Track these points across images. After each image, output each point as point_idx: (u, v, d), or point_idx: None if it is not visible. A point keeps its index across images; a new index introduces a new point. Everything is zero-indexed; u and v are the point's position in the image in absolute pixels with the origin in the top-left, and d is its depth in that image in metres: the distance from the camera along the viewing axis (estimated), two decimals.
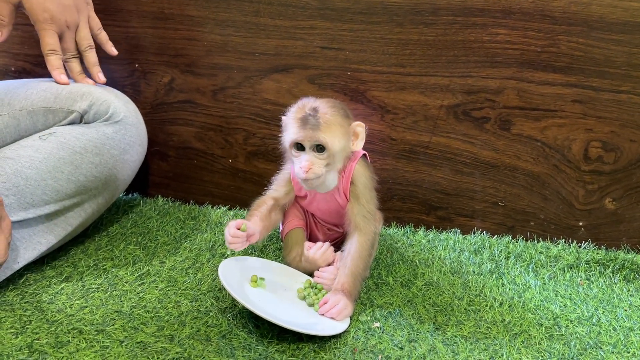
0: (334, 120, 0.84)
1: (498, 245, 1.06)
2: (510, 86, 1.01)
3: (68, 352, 0.71)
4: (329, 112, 0.84)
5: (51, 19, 0.95)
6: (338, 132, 0.84)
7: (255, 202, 0.93)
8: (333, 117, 0.84)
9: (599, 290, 0.95)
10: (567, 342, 0.80)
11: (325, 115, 0.83)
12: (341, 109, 0.87)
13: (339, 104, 0.88)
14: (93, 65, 1.04)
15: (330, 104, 0.86)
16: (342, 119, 0.85)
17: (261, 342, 0.76)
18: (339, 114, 0.85)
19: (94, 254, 0.97)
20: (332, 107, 0.85)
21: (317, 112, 0.83)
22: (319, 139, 0.82)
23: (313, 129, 0.82)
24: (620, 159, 1.01)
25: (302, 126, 0.83)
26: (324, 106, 0.84)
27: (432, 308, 0.87)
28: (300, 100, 0.87)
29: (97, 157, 0.94)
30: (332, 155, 0.84)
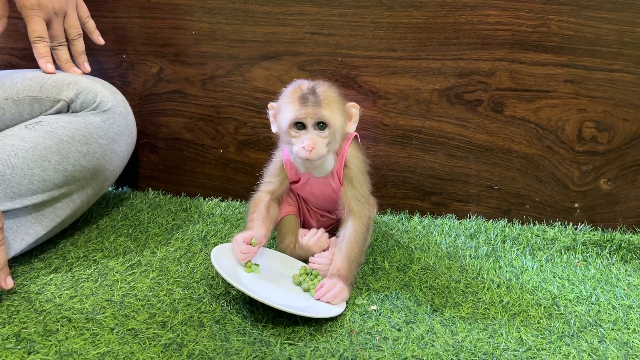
0: (334, 98, 0.83)
1: (494, 229, 1.05)
2: (502, 68, 1.00)
3: (57, 340, 0.69)
4: (327, 89, 0.83)
5: (38, 5, 0.93)
6: (338, 109, 0.83)
7: (252, 202, 0.91)
8: (332, 95, 0.83)
9: (596, 271, 0.94)
10: (567, 321, 0.79)
11: (324, 92, 0.82)
12: (336, 89, 0.86)
13: (332, 85, 0.86)
14: (80, 54, 1.02)
15: (326, 84, 0.85)
16: (339, 98, 0.85)
17: (256, 327, 0.74)
18: (337, 93, 0.84)
19: (83, 245, 0.95)
20: (329, 86, 0.84)
21: (315, 90, 0.82)
22: (322, 114, 0.81)
23: (315, 106, 0.81)
24: (614, 139, 1.00)
25: (303, 103, 0.81)
26: (320, 85, 0.83)
27: (429, 291, 0.86)
28: (294, 81, 0.86)
29: (85, 146, 0.92)
30: (334, 133, 0.82)
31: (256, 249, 0.84)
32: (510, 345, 0.73)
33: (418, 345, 0.72)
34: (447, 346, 0.72)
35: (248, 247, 0.83)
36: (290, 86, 0.85)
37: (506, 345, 0.73)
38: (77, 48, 1.02)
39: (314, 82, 0.84)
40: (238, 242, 0.83)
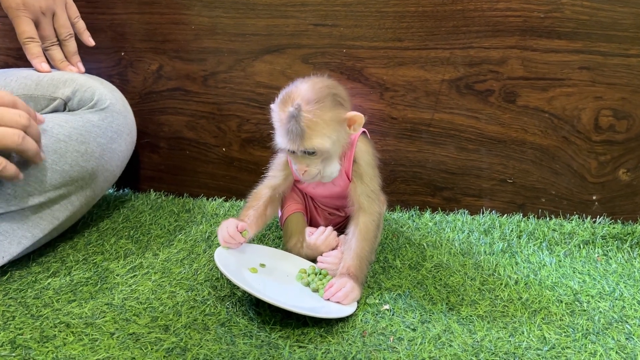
0: (320, 120, 0.75)
1: (509, 225, 1.01)
2: (513, 56, 0.96)
3: (54, 346, 0.65)
4: (314, 109, 0.75)
5: (24, 5, 0.90)
6: (326, 130, 0.76)
7: (252, 195, 0.87)
8: (319, 114, 0.75)
9: (618, 265, 0.90)
10: (591, 317, 0.75)
11: (308, 116, 0.74)
12: (329, 98, 0.77)
13: (327, 90, 0.78)
14: (72, 54, 0.99)
15: (317, 96, 0.76)
16: (330, 112, 0.76)
17: (263, 329, 0.70)
18: (326, 107, 0.76)
19: (83, 248, 0.92)
20: (317, 101, 0.75)
21: (299, 112, 0.74)
22: (306, 146, 0.76)
23: (299, 138, 0.75)
24: (632, 127, 0.96)
25: (287, 135, 0.76)
26: (309, 100, 0.75)
27: (444, 289, 0.82)
28: (286, 88, 0.79)
29: (82, 145, 0.89)
30: (325, 153, 0.78)
31: (243, 241, 0.81)
32: (532, 344, 0.69)
33: (435, 345, 0.68)
34: (465, 346, 0.68)
35: (237, 233, 0.80)
36: (280, 96, 0.78)
37: (528, 344, 0.69)
38: (69, 49, 0.99)
39: (304, 87, 0.77)
40: (230, 224, 0.80)
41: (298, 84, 0.78)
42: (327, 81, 0.80)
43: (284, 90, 0.79)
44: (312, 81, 0.78)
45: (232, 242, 0.80)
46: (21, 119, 0.75)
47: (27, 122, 0.76)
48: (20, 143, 0.75)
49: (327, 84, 0.79)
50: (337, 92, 0.79)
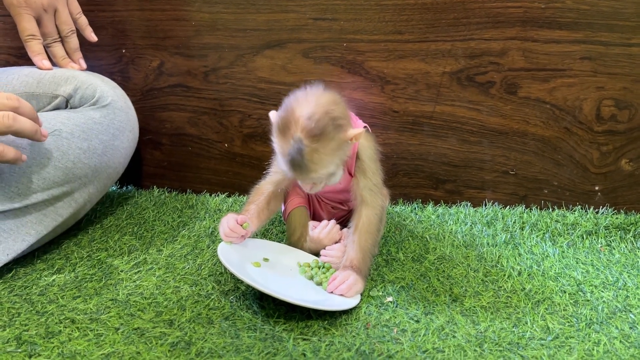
0: (323, 153, 0.72)
1: (511, 216, 1.01)
2: (514, 47, 0.96)
3: (59, 341, 0.66)
4: (316, 144, 0.71)
5: (26, 2, 0.90)
6: (330, 158, 0.74)
7: (254, 191, 0.87)
8: (322, 149, 0.72)
9: (621, 256, 0.90)
10: (594, 307, 0.75)
11: (311, 150, 0.71)
12: (330, 124, 0.72)
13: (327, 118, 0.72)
14: (74, 51, 0.99)
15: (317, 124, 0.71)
16: (332, 142, 0.73)
17: (267, 322, 0.71)
18: (328, 137, 0.72)
19: (87, 245, 0.92)
20: (319, 131, 0.71)
21: (302, 148, 0.71)
22: (311, 178, 0.75)
23: (302, 173, 0.74)
24: (635, 117, 0.96)
25: (291, 167, 0.74)
26: (310, 132, 0.71)
27: (447, 281, 0.82)
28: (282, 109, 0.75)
29: (85, 142, 0.89)
30: (331, 175, 0.77)
31: (244, 233, 0.81)
32: (536, 334, 0.69)
33: (438, 336, 0.68)
34: (469, 337, 0.68)
35: (237, 226, 0.79)
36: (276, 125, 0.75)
37: (532, 334, 0.69)
38: (71, 45, 0.99)
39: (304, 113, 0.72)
40: (229, 218, 0.80)
41: (295, 106, 0.73)
42: (326, 102, 0.74)
43: (280, 113, 0.75)
44: (311, 105, 0.73)
45: (233, 236, 0.80)
46: (9, 101, 0.74)
47: (15, 104, 0.74)
48: (12, 124, 0.73)
49: (326, 108, 0.73)
50: (336, 115, 0.74)
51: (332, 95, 0.76)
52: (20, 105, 0.75)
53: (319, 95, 0.75)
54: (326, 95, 0.76)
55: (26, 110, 0.76)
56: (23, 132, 0.76)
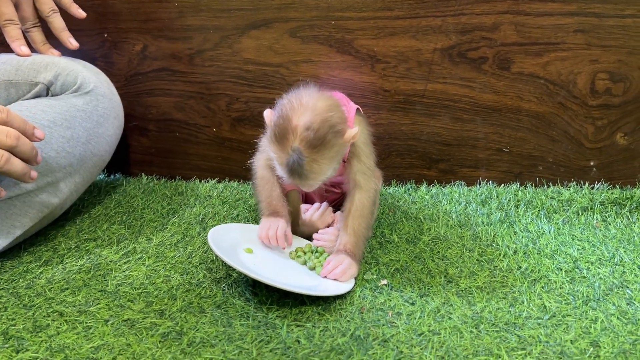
0: (323, 163, 0.71)
1: (506, 194, 1.00)
2: (506, 21, 0.94)
3: (47, 335, 0.64)
4: (317, 156, 0.70)
5: None
6: (330, 165, 0.73)
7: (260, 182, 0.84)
8: (322, 160, 0.71)
9: (617, 231, 0.89)
10: (591, 284, 0.74)
11: (311, 163, 0.70)
12: (329, 131, 0.70)
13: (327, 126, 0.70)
14: (61, 30, 0.95)
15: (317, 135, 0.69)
16: (332, 150, 0.72)
17: (260, 309, 0.69)
18: (328, 146, 0.70)
19: (75, 236, 0.90)
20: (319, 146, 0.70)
21: (301, 160, 0.69)
22: (310, 184, 0.74)
23: (302, 182, 0.72)
24: (629, 90, 0.94)
25: (290, 176, 0.72)
26: (308, 143, 0.69)
27: (442, 262, 0.81)
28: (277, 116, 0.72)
29: (68, 130, 0.87)
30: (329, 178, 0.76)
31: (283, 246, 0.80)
32: (532, 313, 0.68)
33: (434, 318, 0.67)
34: (465, 318, 0.67)
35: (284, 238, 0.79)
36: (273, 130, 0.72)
37: (528, 314, 0.68)
38: (55, 25, 0.95)
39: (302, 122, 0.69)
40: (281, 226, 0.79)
41: (291, 114, 0.71)
42: (323, 108, 0.71)
43: (276, 119, 0.72)
44: (308, 113, 0.70)
45: (274, 243, 0.79)
46: (7, 139, 0.70)
47: (13, 142, 0.71)
48: (2, 165, 0.71)
49: (324, 115, 0.70)
50: (335, 122, 0.71)
51: (328, 99, 0.74)
52: (18, 145, 0.72)
53: (315, 101, 0.72)
54: (322, 99, 0.73)
55: (23, 148, 0.73)
56: (11, 174, 0.73)
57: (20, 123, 0.73)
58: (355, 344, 0.62)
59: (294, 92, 0.74)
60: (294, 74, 1.02)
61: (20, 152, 0.73)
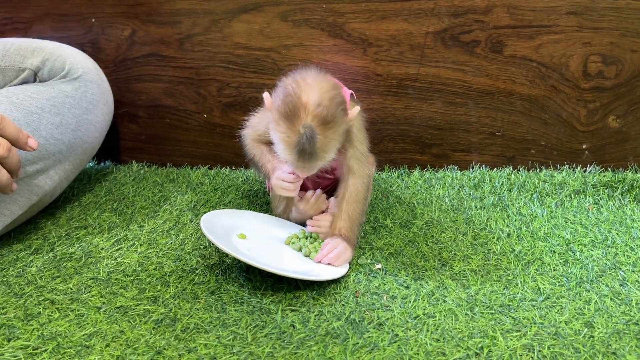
0: (333, 139, 0.71)
1: (499, 178, 1.00)
2: (499, 3, 0.93)
3: (39, 323, 0.63)
4: (328, 132, 0.70)
5: None
6: (337, 143, 0.73)
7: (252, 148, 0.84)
8: (332, 136, 0.71)
9: (609, 213, 0.89)
10: (584, 266, 0.74)
11: (322, 139, 0.69)
12: (336, 109, 0.71)
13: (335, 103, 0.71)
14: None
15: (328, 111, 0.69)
16: (341, 127, 0.72)
17: (254, 295, 0.69)
18: (337, 122, 0.71)
19: (65, 224, 0.89)
20: (330, 122, 0.70)
21: (313, 136, 0.68)
22: (316, 166, 0.73)
23: (311, 160, 0.71)
24: (622, 72, 0.94)
25: (299, 156, 0.71)
26: (320, 119, 0.69)
27: (436, 245, 0.81)
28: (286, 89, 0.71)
29: (56, 117, 0.86)
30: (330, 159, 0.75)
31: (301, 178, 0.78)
32: (527, 295, 0.68)
33: (429, 302, 0.67)
34: (460, 301, 0.67)
35: (296, 177, 0.77)
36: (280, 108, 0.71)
37: (523, 296, 0.68)
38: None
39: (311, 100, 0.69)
40: (285, 177, 0.78)
41: (299, 92, 0.70)
42: (328, 87, 0.72)
43: (282, 98, 0.71)
44: (315, 91, 0.70)
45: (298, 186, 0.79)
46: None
47: (4, 154, 0.69)
48: None
49: (330, 94, 0.71)
50: (340, 100, 0.72)
51: (330, 80, 0.74)
52: (8, 156, 0.70)
53: (320, 80, 0.72)
54: (325, 80, 0.73)
55: (11, 161, 0.71)
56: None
57: (13, 131, 0.71)
58: (350, 328, 0.62)
59: (296, 73, 0.74)
60: (285, 58, 1.01)
61: (8, 163, 0.71)
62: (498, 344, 0.59)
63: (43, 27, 0.98)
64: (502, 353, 0.58)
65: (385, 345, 0.59)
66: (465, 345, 0.59)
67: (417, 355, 0.58)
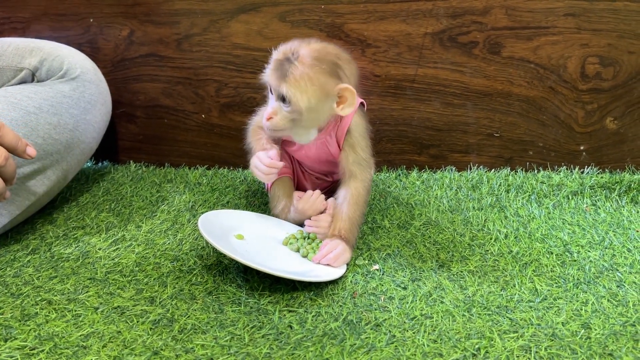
0: (310, 76, 0.72)
1: (497, 179, 1.00)
2: (497, 5, 0.93)
3: (36, 324, 0.63)
4: (309, 64, 0.72)
5: None
6: (310, 89, 0.73)
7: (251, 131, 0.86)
8: (311, 71, 0.72)
9: (606, 215, 0.89)
10: (582, 267, 0.74)
11: (301, 66, 0.72)
12: (330, 64, 0.73)
13: (330, 58, 0.74)
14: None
15: (319, 55, 0.73)
16: (323, 77, 0.73)
17: (252, 295, 0.69)
18: (322, 69, 0.73)
19: (63, 224, 0.89)
20: (316, 59, 0.72)
21: (295, 58, 0.72)
22: (281, 90, 0.73)
23: (280, 78, 0.73)
24: (619, 74, 0.94)
25: (273, 70, 0.74)
26: (309, 55, 0.72)
27: (433, 246, 0.81)
28: (294, 40, 0.75)
29: (54, 117, 0.85)
30: (298, 112, 0.74)
31: (282, 165, 0.80)
32: (524, 296, 0.68)
33: (426, 302, 0.67)
34: (457, 302, 0.67)
35: (273, 162, 0.78)
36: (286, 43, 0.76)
37: (520, 297, 0.68)
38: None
39: (312, 46, 0.74)
40: (260, 157, 0.79)
41: (311, 40, 0.76)
42: (335, 51, 0.76)
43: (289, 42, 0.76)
44: (324, 44, 0.76)
45: (273, 172, 0.80)
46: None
47: (1, 163, 0.69)
48: None
49: (335, 53, 0.75)
50: (341, 65, 0.75)
51: (349, 56, 0.78)
52: (5, 165, 0.69)
53: (338, 48, 0.77)
54: (346, 53, 0.77)
55: (6, 170, 0.70)
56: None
57: (13, 139, 0.71)
58: (347, 329, 0.62)
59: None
60: None
61: (4, 172, 0.70)
62: (495, 345, 0.59)
63: (41, 26, 0.98)
64: (499, 354, 0.58)
65: (383, 346, 0.59)
66: (463, 346, 0.59)
67: (415, 356, 0.58)
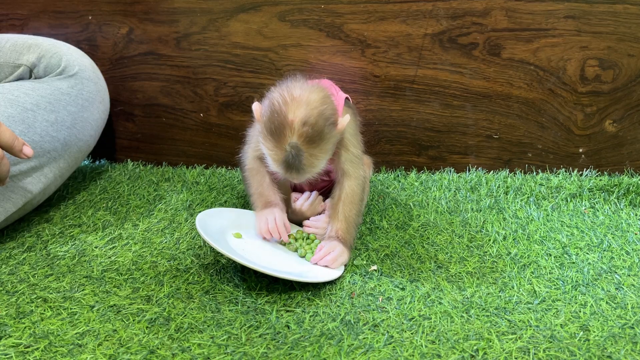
0: (319, 156, 0.71)
1: (495, 181, 1.00)
2: (497, 6, 0.93)
3: (31, 322, 0.63)
4: (314, 151, 0.69)
5: None
6: (325, 157, 0.72)
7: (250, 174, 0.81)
8: (319, 153, 0.70)
9: (605, 217, 0.89)
10: (580, 269, 0.74)
11: (309, 156, 0.69)
12: (326, 127, 0.70)
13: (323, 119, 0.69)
14: None
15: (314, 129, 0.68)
16: (329, 142, 0.71)
17: (249, 295, 0.68)
18: (324, 138, 0.70)
19: (59, 222, 0.88)
20: (317, 140, 0.69)
21: (299, 155, 0.68)
22: (305, 178, 0.72)
23: (297, 175, 0.71)
24: (619, 77, 0.94)
25: (287, 172, 0.71)
26: (305, 138, 0.68)
27: (432, 247, 0.81)
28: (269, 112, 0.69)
29: (52, 114, 0.85)
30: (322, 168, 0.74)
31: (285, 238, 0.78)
32: (522, 298, 0.68)
33: (424, 303, 0.67)
34: (455, 303, 0.67)
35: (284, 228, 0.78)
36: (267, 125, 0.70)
37: (518, 299, 0.68)
38: None
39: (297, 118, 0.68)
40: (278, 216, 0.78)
41: (285, 109, 0.69)
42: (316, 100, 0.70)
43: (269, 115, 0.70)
44: (302, 106, 0.69)
45: (275, 235, 0.78)
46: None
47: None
48: None
49: (319, 109, 0.69)
50: (329, 114, 0.71)
51: (319, 91, 0.72)
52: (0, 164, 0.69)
53: (308, 94, 0.70)
54: (314, 92, 0.72)
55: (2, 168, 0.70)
56: None
57: (9, 138, 0.70)
58: (345, 329, 0.62)
59: (282, 86, 0.72)
60: (283, 58, 1.01)
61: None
62: (493, 347, 0.59)
63: (39, 24, 0.97)
64: (497, 355, 0.57)
65: (381, 347, 0.59)
66: (461, 348, 0.59)
67: (412, 357, 0.57)
